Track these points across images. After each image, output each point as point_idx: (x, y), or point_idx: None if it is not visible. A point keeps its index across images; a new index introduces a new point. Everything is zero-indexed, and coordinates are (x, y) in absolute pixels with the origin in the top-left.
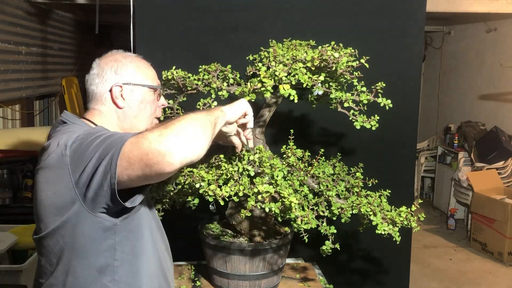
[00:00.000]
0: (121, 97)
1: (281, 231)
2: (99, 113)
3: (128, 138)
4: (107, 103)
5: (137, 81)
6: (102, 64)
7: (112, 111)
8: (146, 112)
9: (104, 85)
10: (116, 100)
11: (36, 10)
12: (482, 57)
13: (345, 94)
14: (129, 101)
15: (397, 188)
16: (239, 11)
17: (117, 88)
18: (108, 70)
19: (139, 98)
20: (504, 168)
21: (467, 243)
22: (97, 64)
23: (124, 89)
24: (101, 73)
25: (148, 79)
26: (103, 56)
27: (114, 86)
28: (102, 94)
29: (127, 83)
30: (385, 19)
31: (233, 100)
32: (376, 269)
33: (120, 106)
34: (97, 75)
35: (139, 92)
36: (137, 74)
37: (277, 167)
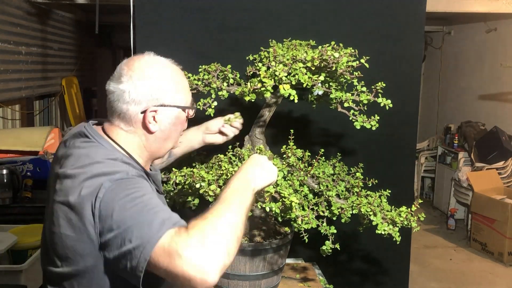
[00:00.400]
0: (153, 121)
1: (281, 231)
2: (125, 134)
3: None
4: (136, 126)
5: (173, 102)
6: (135, 79)
7: (140, 134)
8: (176, 133)
9: (136, 106)
10: (149, 125)
11: (36, 10)
12: (482, 57)
13: (345, 94)
14: (162, 124)
15: (397, 188)
16: (239, 11)
17: (151, 112)
18: (142, 90)
19: (173, 119)
20: (504, 168)
21: (467, 243)
22: (128, 78)
23: (158, 112)
24: (133, 90)
25: (183, 98)
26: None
27: (148, 110)
28: (132, 116)
29: (162, 105)
30: (385, 19)
31: (233, 100)
32: (376, 269)
33: (152, 130)
34: (128, 92)
35: (173, 113)
36: (173, 93)
37: (277, 167)
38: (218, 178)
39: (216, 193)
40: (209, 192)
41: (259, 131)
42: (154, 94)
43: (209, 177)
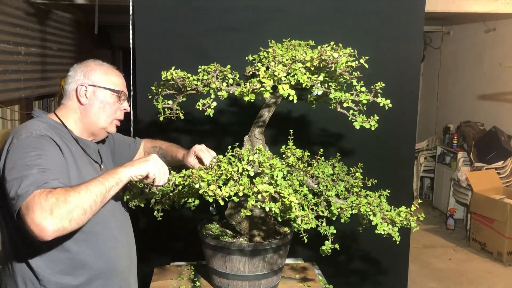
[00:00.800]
0: (84, 96)
1: (280, 231)
2: (65, 108)
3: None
4: (72, 99)
5: (100, 84)
6: (76, 68)
7: (75, 106)
8: (105, 112)
9: (73, 84)
10: (80, 98)
11: (35, 10)
12: (481, 57)
13: (345, 94)
14: (91, 100)
15: (397, 188)
16: (239, 11)
17: (82, 87)
18: (79, 73)
19: (100, 98)
20: (503, 168)
21: (466, 243)
22: (73, 68)
23: (88, 89)
24: (73, 74)
25: (112, 84)
26: (80, 62)
27: (79, 85)
28: (70, 91)
29: (92, 85)
30: (384, 19)
31: (232, 100)
32: (375, 269)
33: (82, 103)
34: (70, 76)
35: (101, 94)
36: (102, 78)
37: (277, 167)
38: (217, 178)
39: (216, 193)
40: (209, 192)
41: (259, 131)
42: (86, 76)
43: (208, 177)
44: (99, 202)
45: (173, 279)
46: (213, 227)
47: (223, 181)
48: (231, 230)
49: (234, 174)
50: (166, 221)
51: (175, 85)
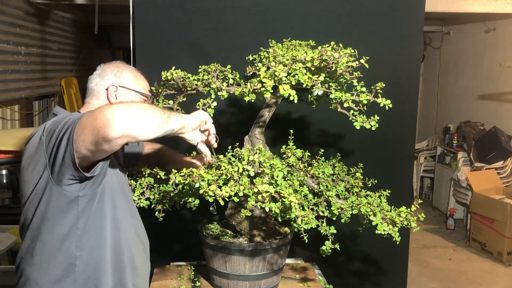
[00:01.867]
0: (114, 96)
1: (281, 231)
2: (91, 106)
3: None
4: (100, 98)
5: (131, 87)
6: (105, 67)
7: None
8: None
9: (103, 84)
10: (110, 98)
11: (35, 10)
12: (481, 57)
13: (345, 94)
14: (121, 101)
15: (397, 188)
16: (239, 11)
17: (113, 87)
18: (109, 72)
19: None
20: (503, 168)
21: (466, 243)
22: (101, 67)
23: (119, 90)
24: (102, 74)
25: (141, 87)
26: (108, 62)
27: (111, 85)
28: (99, 90)
29: (123, 86)
30: (384, 19)
31: (233, 100)
32: (374, 269)
33: (112, 103)
34: (98, 75)
35: (131, 96)
36: (132, 81)
37: (277, 167)
38: (217, 178)
39: (216, 193)
40: (209, 192)
41: (259, 131)
42: (117, 76)
43: (209, 177)
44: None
45: (173, 279)
46: (213, 227)
47: (223, 181)
48: (231, 230)
49: (234, 174)
50: (166, 221)
51: (176, 85)
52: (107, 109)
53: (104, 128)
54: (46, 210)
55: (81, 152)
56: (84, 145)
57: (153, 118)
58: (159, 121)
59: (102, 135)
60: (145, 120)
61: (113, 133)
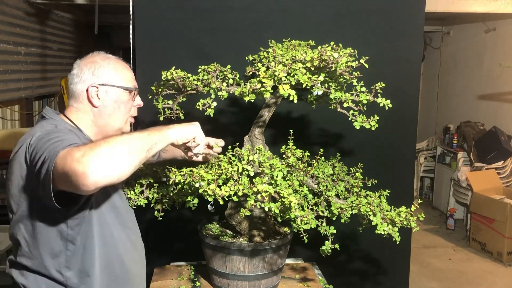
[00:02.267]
0: (96, 97)
1: (280, 231)
2: (76, 110)
3: (60, 150)
4: (83, 102)
5: (112, 83)
6: (81, 65)
7: (87, 109)
8: (120, 111)
9: (82, 85)
10: (92, 100)
11: (35, 10)
12: (481, 57)
13: (345, 94)
14: (104, 101)
15: (397, 188)
16: (239, 11)
17: (93, 88)
18: (86, 71)
19: (114, 98)
20: (503, 168)
21: (466, 243)
22: (77, 65)
23: (100, 90)
24: (79, 73)
25: (123, 81)
26: (84, 57)
27: (90, 86)
28: (79, 93)
29: (103, 84)
30: (385, 19)
31: (233, 100)
32: (375, 269)
33: (95, 105)
34: (76, 75)
35: (114, 93)
36: (113, 76)
37: (277, 167)
38: (217, 177)
39: (216, 192)
40: (209, 191)
41: (259, 131)
42: (95, 74)
43: (209, 176)
44: (144, 151)
45: (173, 279)
46: (213, 227)
47: (223, 181)
48: (231, 230)
49: (234, 173)
50: (166, 221)
51: (175, 85)
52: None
53: (76, 183)
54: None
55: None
56: (63, 186)
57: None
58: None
59: (74, 188)
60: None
61: (85, 188)
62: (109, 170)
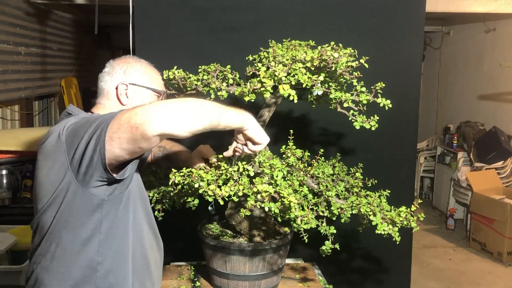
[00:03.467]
0: (125, 95)
1: (280, 231)
2: (103, 107)
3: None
4: (111, 98)
5: (142, 83)
6: (114, 64)
7: (114, 106)
8: None
9: (112, 82)
10: (120, 97)
11: (35, 10)
12: (481, 57)
13: (345, 94)
14: (132, 100)
15: (397, 188)
16: (239, 11)
17: (122, 86)
18: (118, 69)
19: (142, 98)
20: (503, 168)
21: (466, 243)
22: (110, 64)
23: (129, 88)
24: (111, 71)
25: (153, 84)
26: (117, 58)
27: (120, 84)
28: (109, 90)
29: (133, 84)
30: (385, 19)
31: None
32: (376, 269)
33: (123, 103)
34: (107, 73)
35: (143, 93)
36: (143, 77)
37: (277, 167)
38: (217, 178)
39: (216, 193)
40: (208, 192)
41: None
42: (127, 73)
43: (208, 177)
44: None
45: (173, 279)
46: (213, 227)
47: (223, 181)
48: (231, 230)
49: (234, 174)
50: (166, 221)
51: (176, 85)
52: (148, 105)
53: (145, 125)
54: (69, 213)
55: (114, 151)
56: (120, 143)
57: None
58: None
59: (141, 131)
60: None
61: (152, 129)
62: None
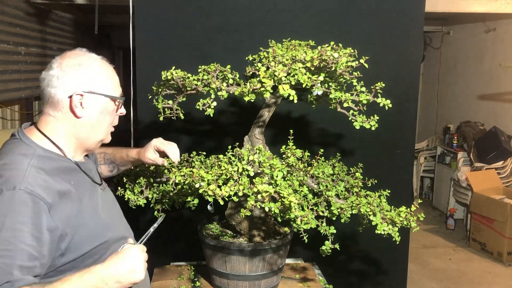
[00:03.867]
0: (80, 106)
1: (280, 231)
2: (53, 120)
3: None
4: (63, 110)
5: (100, 90)
6: (63, 65)
7: (68, 119)
8: (105, 123)
9: (64, 89)
10: (75, 109)
11: (35, 10)
12: (481, 57)
13: (345, 94)
14: (89, 110)
15: (397, 188)
16: (239, 11)
17: (77, 97)
18: (70, 73)
19: (100, 108)
20: (503, 168)
21: (466, 243)
22: (58, 64)
23: (85, 98)
24: (62, 75)
25: (111, 88)
26: (65, 55)
27: (74, 94)
28: (60, 100)
29: (89, 92)
30: (384, 19)
31: (232, 100)
32: (375, 269)
33: (79, 115)
34: (57, 77)
35: (101, 102)
36: (101, 82)
37: (277, 167)
38: (217, 178)
39: (216, 192)
40: (208, 192)
41: (259, 131)
42: (81, 80)
43: (209, 177)
44: None
45: (173, 279)
46: (213, 227)
47: (223, 181)
48: (231, 230)
49: (234, 174)
50: (166, 221)
51: (175, 85)
52: None
53: None
54: None
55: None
56: None
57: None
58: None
59: None
60: None
61: None
62: None
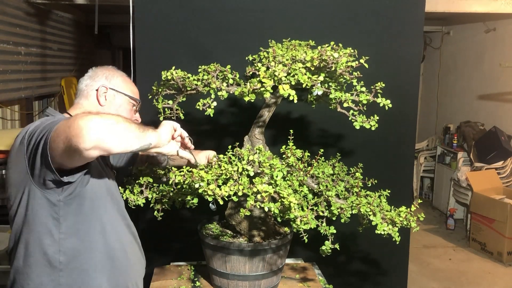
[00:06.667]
0: (104, 97)
1: (280, 231)
2: (80, 107)
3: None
4: (90, 99)
5: (121, 90)
6: (96, 70)
7: (93, 106)
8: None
9: (93, 84)
10: (100, 98)
11: (35, 10)
12: (481, 57)
13: (345, 94)
14: (110, 103)
15: (397, 188)
16: (239, 11)
17: (103, 88)
18: (100, 75)
19: (119, 103)
20: (503, 168)
21: (466, 243)
22: (92, 70)
23: (109, 92)
24: (93, 76)
25: (130, 92)
26: (99, 66)
27: (101, 86)
28: (89, 91)
29: (113, 89)
30: (384, 19)
31: (232, 100)
32: (375, 269)
33: (102, 103)
34: (90, 77)
35: (120, 99)
36: (122, 85)
37: (277, 167)
38: (217, 178)
39: (215, 192)
40: (208, 191)
41: (259, 131)
42: (107, 79)
43: (208, 176)
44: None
45: (173, 279)
46: (213, 227)
47: (223, 181)
48: (231, 230)
49: (234, 173)
50: (166, 221)
51: (175, 85)
52: (81, 119)
53: (77, 138)
54: (28, 212)
55: (55, 158)
56: (57, 152)
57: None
58: (133, 134)
59: (74, 144)
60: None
61: (84, 144)
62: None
